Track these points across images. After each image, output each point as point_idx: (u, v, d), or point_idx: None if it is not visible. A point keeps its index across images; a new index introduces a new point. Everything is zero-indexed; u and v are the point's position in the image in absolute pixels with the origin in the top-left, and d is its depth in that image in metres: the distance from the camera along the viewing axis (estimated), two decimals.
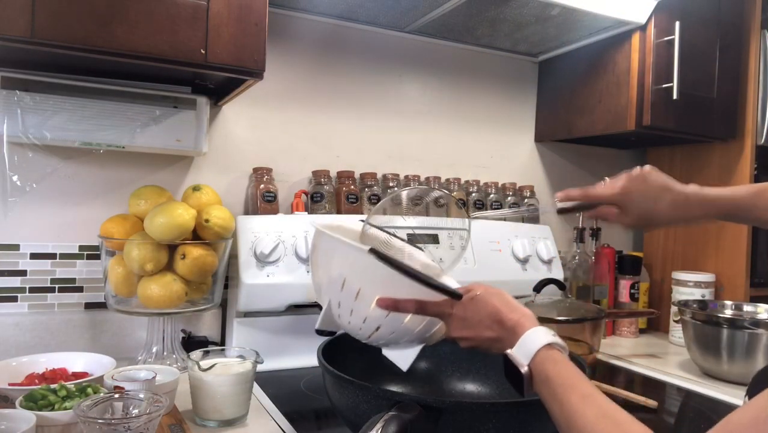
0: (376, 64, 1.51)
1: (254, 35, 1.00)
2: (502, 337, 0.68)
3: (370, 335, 0.77)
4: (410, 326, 0.75)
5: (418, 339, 0.78)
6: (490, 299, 0.71)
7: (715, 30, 1.51)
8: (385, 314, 0.74)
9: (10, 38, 0.85)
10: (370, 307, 0.74)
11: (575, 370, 0.61)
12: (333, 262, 0.78)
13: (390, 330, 0.75)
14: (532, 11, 1.33)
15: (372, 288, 0.73)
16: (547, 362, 0.62)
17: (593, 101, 1.54)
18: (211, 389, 0.87)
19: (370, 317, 0.74)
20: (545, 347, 0.63)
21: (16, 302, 1.16)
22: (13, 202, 1.15)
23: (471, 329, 0.72)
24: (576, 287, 1.62)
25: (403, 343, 0.78)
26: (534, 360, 0.63)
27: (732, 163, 1.60)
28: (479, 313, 0.71)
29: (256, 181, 1.31)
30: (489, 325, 0.70)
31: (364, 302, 0.74)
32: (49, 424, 0.74)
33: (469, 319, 0.72)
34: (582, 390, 0.58)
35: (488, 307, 0.70)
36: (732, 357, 1.24)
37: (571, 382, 0.59)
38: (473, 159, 1.65)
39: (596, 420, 0.55)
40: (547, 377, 0.61)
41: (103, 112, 1.12)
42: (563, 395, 0.59)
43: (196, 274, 1.10)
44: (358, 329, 0.77)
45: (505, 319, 0.68)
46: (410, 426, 0.63)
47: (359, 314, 0.75)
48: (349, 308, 0.75)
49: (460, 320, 0.73)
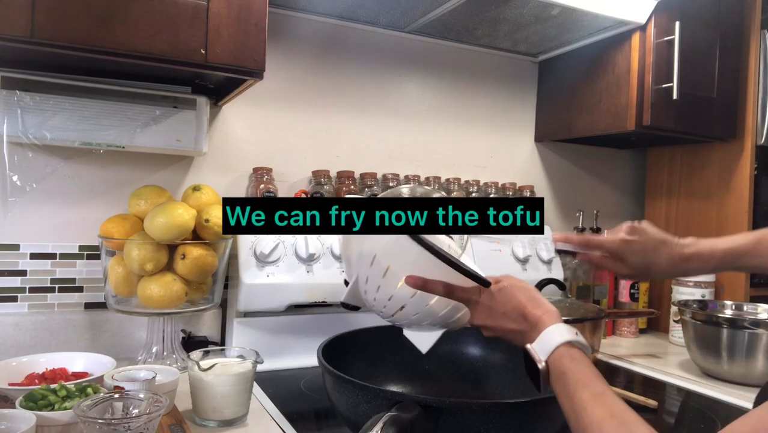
0: (376, 64, 1.51)
1: (254, 35, 1.00)
2: (524, 330, 0.69)
3: (393, 314, 0.78)
4: (435, 308, 0.76)
5: (441, 323, 0.79)
6: (517, 292, 0.72)
7: (715, 30, 1.51)
8: (411, 294, 0.75)
9: (10, 38, 0.85)
10: (397, 285, 0.75)
11: (592, 369, 0.61)
12: (365, 238, 0.78)
13: (414, 311, 0.76)
14: (532, 11, 1.33)
15: (401, 267, 0.74)
16: (564, 358, 0.63)
17: (593, 101, 1.54)
18: (211, 389, 0.87)
19: (396, 296, 0.75)
20: (565, 344, 0.64)
21: (16, 302, 1.16)
22: (13, 202, 1.15)
23: (495, 318, 0.73)
24: (576, 287, 1.62)
25: (424, 325, 0.79)
26: (552, 356, 0.64)
27: (732, 163, 1.60)
28: (505, 305, 0.72)
29: (256, 181, 1.31)
30: (513, 318, 0.71)
31: (392, 280, 0.75)
32: (49, 424, 0.74)
33: (494, 309, 0.73)
34: (594, 388, 0.58)
35: (514, 300, 0.71)
36: (732, 357, 1.24)
37: (585, 380, 0.60)
38: (473, 159, 1.65)
39: (603, 419, 0.55)
40: (563, 373, 0.62)
41: (103, 112, 1.12)
42: (575, 392, 0.59)
43: (196, 274, 1.10)
44: (383, 307, 0.78)
45: (529, 314, 0.69)
46: (410, 426, 0.63)
47: (385, 292, 0.76)
48: (376, 285, 0.76)
49: (485, 309, 0.74)
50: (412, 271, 0.74)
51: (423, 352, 0.79)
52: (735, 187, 1.59)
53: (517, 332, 0.71)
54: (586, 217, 1.69)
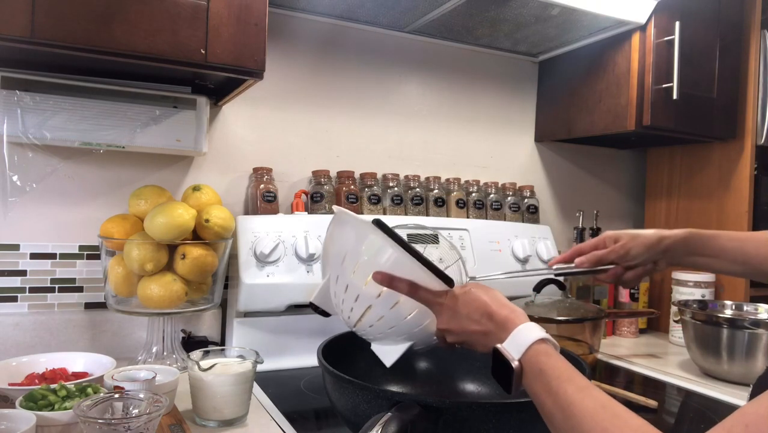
0: (376, 64, 1.51)
1: (254, 35, 1.00)
2: (490, 331, 0.68)
3: (360, 317, 0.76)
4: (401, 311, 0.75)
5: (407, 332, 0.77)
6: (481, 294, 0.71)
7: (715, 30, 1.51)
8: (377, 294, 0.74)
9: (10, 38, 0.85)
10: (364, 283, 0.74)
11: (569, 364, 0.61)
12: (340, 236, 0.79)
13: (379, 313, 0.75)
14: (532, 11, 1.33)
15: (369, 265, 0.74)
16: (540, 355, 0.62)
17: (593, 101, 1.54)
18: (211, 389, 0.87)
19: (362, 295, 0.75)
20: (538, 341, 0.63)
21: (16, 302, 1.16)
22: (13, 202, 1.15)
23: (459, 321, 0.71)
24: (576, 287, 1.62)
25: (391, 335, 0.77)
26: (526, 354, 0.62)
27: (732, 163, 1.60)
28: (468, 306, 0.71)
29: (256, 181, 1.31)
30: (477, 319, 0.69)
31: (360, 278, 0.74)
32: (49, 424, 0.74)
33: (458, 311, 0.71)
34: (578, 383, 0.58)
35: (478, 301, 0.70)
36: (732, 357, 1.24)
37: (567, 375, 0.59)
38: (473, 159, 1.65)
39: (595, 411, 0.54)
40: (541, 370, 0.60)
41: (103, 112, 1.12)
42: (559, 387, 0.58)
43: (196, 274, 1.10)
44: (350, 310, 0.77)
45: (495, 313, 0.68)
46: (410, 426, 0.63)
47: (353, 291, 0.75)
48: (345, 284, 0.76)
49: (449, 311, 0.72)
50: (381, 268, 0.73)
51: (387, 365, 0.78)
52: (735, 187, 1.59)
53: (481, 334, 0.69)
54: (586, 217, 1.69)
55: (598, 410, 0.54)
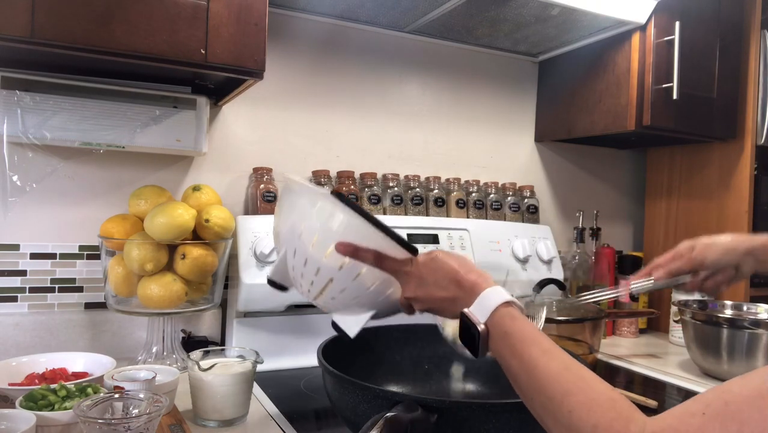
0: (376, 64, 1.51)
1: (254, 35, 1.00)
2: (458, 297, 0.67)
3: (321, 290, 0.74)
4: (364, 281, 0.73)
5: (371, 302, 0.75)
6: (449, 259, 0.70)
7: (715, 30, 1.51)
8: (339, 266, 0.72)
9: (10, 38, 0.85)
10: (324, 255, 0.72)
11: (534, 326, 0.61)
12: (295, 208, 0.75)
13: (342, 285, 0.73)
14: (532, 11, 1.33)
15: (329, 236, 0.71)
16: (505, 318, 0.62)
17: (593, 101, 1.54)
18: (211, 389, 0.87)
19: (323, 267, 0.72)
20: (503, 304, 0.63)
21: (16, 302, 1.16)
22: (13, 202, 1.15)
23: (426, 288, 0.70)
24: (576, 287, 1.62)
25: (353, 306, 0.76)
26: (492, 317, 0.62)
27: (732, 163, 1.60)
28: (436, 273, 0.70)
29: (256, 181, 1.31)
30: (445, 285, 0.69)
31: (319, 250, 0.72)
32: (49, 424, 0.74)
33: (425, 278, 0.70)
34: (543, 345, 0.58)
35: (446, 267, 0.69)
36: (732, 357, 1.24)
37: (531, 337, 0.59)
38: (473, 159, 1.65)
39: (559, 372, 0.54)
40: (506, 332, 0.60)
41: (103, 112, 1.12)
42: (523, 349, 0.58)
43: (196, 274, 1.10)
44: (310, 284, 0.74)
45: (463, 279, 0.67)
46: (410, 426, 0.63)
47: (312, 264, 0.73)
48: (304, 257, 0.73)
49: (416, 279, 0.71)
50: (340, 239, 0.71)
51: (351, 336, 0.75)
52: (735, 187, 1.59)
53: (449, 300, 0.68)
54: (586, 217, 1.69)
55: (561, 372, 0.54)
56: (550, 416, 0.54)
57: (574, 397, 0.52)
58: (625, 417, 0.48)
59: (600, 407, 0.50)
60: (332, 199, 0.71)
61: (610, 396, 0.51)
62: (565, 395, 0.52)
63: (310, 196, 0.74)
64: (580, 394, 0.51)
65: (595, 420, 0.49)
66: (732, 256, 0.96)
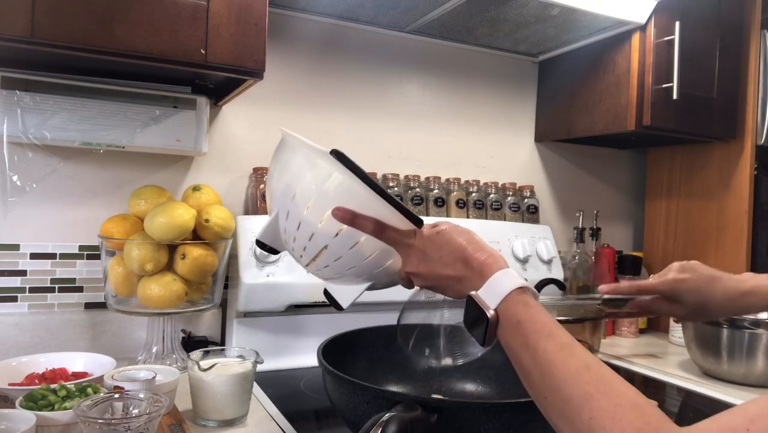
0: (376, 64, 1.51)
1: (254, 35, 1.00)
2: (465, 277, 0.62)
3: (314, 257, 0.69)
4: (363, 250, 0.67)
5: (368, 273, 0.70)
6: (456, 235, 0.65)
7: (715, 30, 1.51)
8: (335, 233, 0.67)
9: (10, 38, 0.85)
10: (319, 221, 0.66)
11: (550, 317, 0.55)
12: (290, 166, 0.70)
13: (337, 253, 0.68)
14: (532, 11, 1.33)
15: (325, 200, 0.66)
16: (518, 305, 0.56)
17: (593, 101, 1.54)
18: (211, 389, 0.87)
19: (318, 233, 0.67)
20: (517, 290, 0.57)
21: (16, 302, 1.16)
22: (13, 202, 1.15)
23: (430, 264, 0.65)
24: (576, 287, 1.62)
25: (348, 276, 0.70)
26: (503, 303, 0.57)
27: (732, 163, 1.60)
28: (442, 248, 0.64)
29: (256, 181, 1.31)
30: (451, 262, 0.63)
31: (314, 214, 0.67)
32: (49, 424, 0.74)
33: (429, 253, 0.65)
34: (560, 339, 0.52)
35: (453, 243, 0.64)
36: (732, 357, 1.24)
37: (548, 329, 0.53)
38: (473, 159, 1.65)
39: (578, 372, 0.48)
40: (518, 321, 0.55)
41: (103, 112, 1.12)
42: (537, 342, 0.52)
43: (196, 274, 1.10)
44: (302, 249, 0.69)
45: (471, 258, 0.62)
46: (410, 426, 0.62)
47: (306, 229, 0.68)
48: (297, 221, 0.68)
49: (419, 253, 0.66)
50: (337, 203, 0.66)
51: (344, 307, 0.71)
52: (735, 187, 1.59)
53: (455, 279, 0.63)
54: (586, 217, 1.69)
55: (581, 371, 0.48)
56: (565, 420, 0.48)
57: (596, 402, 0.46)
58: (654, 427, 0.44)
59: (625, 415, 0.45)
60: (331, 159, 0.65)
61: (636, 402, 0.46)
62: (585, 399, 0.47)
63: (307, 153, 0.69)
64: (603, 399, 0.46)
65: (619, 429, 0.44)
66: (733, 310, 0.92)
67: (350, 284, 0.72)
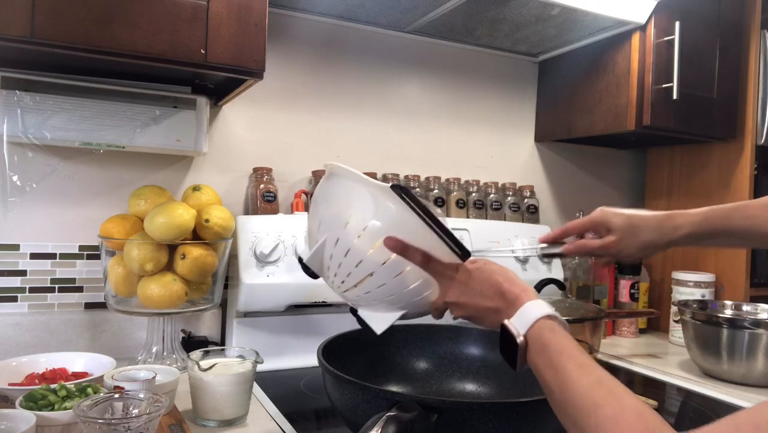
0: (376, 64, 1.51)
1: (254, 35, 1.00)
2: (501, 308, 0.68)
3: (357, 283, 0.72)
4: (405, 280, 0.72)
5: (406, 301, 0.74)
6: (494, 271, 0.71)
7: (715, 30, 1.51)
8: (383, 261, 0.71)
9: (10, 38, 0.85)
10: (369, 249, 0.70)
11: (573, 340, 0.60)
12: (342, 197, 0.74)
13: (381, 281, 0.72)
14: (532, 11, 1.33)
15: (379, 229, 0.70)
16: (544, 330, 0.62)
17: (593, 101, 1.54)
18: (211, 389, 0.87)
19: (366, 261, 0.71)
20: (545, 317, 0.63)
21: (16, 302, 1.16)
22: (13, 202, 1.15)
23: (470, 296, 0.71)
24: (576, 287, 1.62)
25: (386, 303, 0.74)
26: (531, 329, 0.62)
27: (732, 163, 1.60)
28: (483, 283, 0.70)
29: (256, 181, 1.31)
30: (490, 295, 0.69)
31: (366, 243, 0.70)
32: (49, 424, 0.74)
33: (471, 286, 0.71)
34: (579, 359, 0.57)
35: (492, 278, 0.70)
36: (732, 357, 1.24)
37: (569, 351, 0.59)
38: (473, 159, 1.65)
39: (590, 387, 0.54)
40: (544, 345, 0.60)
41: (103, 112, 1.12)
42: (559, 362, 0.58)
43: (196, 274, 1.10)
44: (346, 275, 0.73)
45: (507, 291, 0.68)
46: (410, 426, 0.63)
47: (355, 256, 0.71)
48: (347, 248, 0.72)
49: (461, 286, 0.72)
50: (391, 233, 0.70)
51: (378, 332, 0.74)
52: (735, 187, 1.59)
53: (492, 311, 0.69)
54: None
55: (593, 386, 0.53)
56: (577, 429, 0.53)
57: (602, 410, 0.51)
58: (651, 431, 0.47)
59: (626, 420, 0.49)
60: (391, 193, 0.69)
61: (638, 410, 0.49)
62: (593, 409, 0.52)
63: (363, 185, 0.73)
64: (608, 407, 0.51)
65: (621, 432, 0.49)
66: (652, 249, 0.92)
67: (384, 311, 0.75)
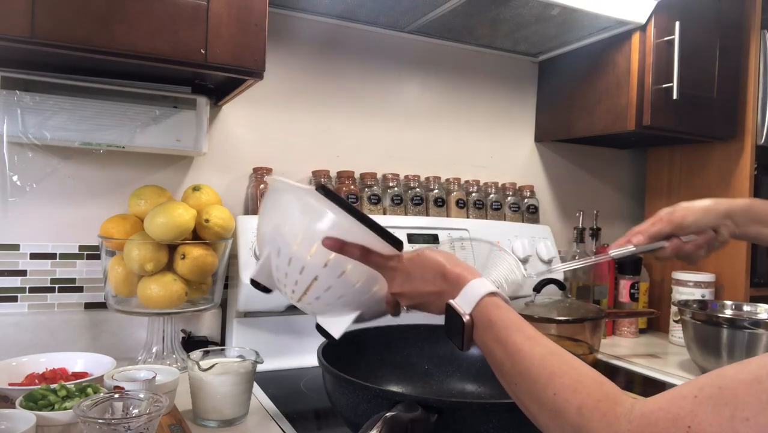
0: (376, 64, 1.51)
1: (254, 35, 1.00)
2: (444, 290, 0.67)
3: (306, 289, 0.74)
4: (350, 278, 0.73)
5: (356, 301, 0.75)
6: (435, 254, 0.70)
7: (715, 30, 1.51)
8: (324, 263, 0.72)
9: (10, 38, 0.85)
10: (309, 253, 0.72)
11: (519, 315, 0.61)
12: (278, 207, 0.76)
13: (327, 283, 0.73)
14: (532, 11, 1.33)
15: (314, 232, 0.71)
16: (490, 306, 0.62)
17: (593, 101, 1.54)
18: (211, 389, 0.87)
19: (308, 266, 0.72)
20: (488, 294, 0.63)
21: (16, 302, 1.16)
22: (13, 202, 1.15)
23: (413, 283, 0.70)
24: (576, 287, 1.62)
25: (338, 306, 0.75)
26: (477, 307, 0.62)
27: (732, 163, 1.60)
28: (423, 267, 0.70)
29: (256, 181, 1.31)
30: (431, 279, 0.69)
31: (304, 248, 0.72)
32: (49, 424, 0.74)
33: (411, 273, 0.70)
34: (527, 332, 0.58)
35: (432, 261, 0.69)
36: (732, 357, 1.24)
37: (516, 325, 0.59)
38: (473, 159, 1.65)
39: (543, 357, 0.54)
40: (490, 321, 0.61)
41: (103, 112, 1.12)
42: (507, 336, 0.58)
43: (196, 274, 1.10)
44: (294, 283, 0.74)
45: (449, 272, 0.67)
46: (410, 426, 0.63)
47: (297, 262, 0.73)
48: (288, 256, 0.73)
49: (403, 275, 0.71)
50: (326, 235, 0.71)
51: (335, 337, 0.75)
52: (735, 187, 1.59)
53: (436, 294, 0.68)
54: (586, 217, 1.69)
55: (546, 356, 0.54)
56: (534, 400, 0.53)
57: (559, 379, 0.51)
58: (611, 398, 0.48)
59: (585, 388, 0.49)
60: (316, 194, 0.70)
61: (595, 379, 0.50)
62: (550, 378, 0.52)
63: (293, 192, 0.74)
64: (565, 376, 0.51)
65: (579, 401, 0.49)
66: (710, 217, 0.93)
67: (340, 314, 0.76)
